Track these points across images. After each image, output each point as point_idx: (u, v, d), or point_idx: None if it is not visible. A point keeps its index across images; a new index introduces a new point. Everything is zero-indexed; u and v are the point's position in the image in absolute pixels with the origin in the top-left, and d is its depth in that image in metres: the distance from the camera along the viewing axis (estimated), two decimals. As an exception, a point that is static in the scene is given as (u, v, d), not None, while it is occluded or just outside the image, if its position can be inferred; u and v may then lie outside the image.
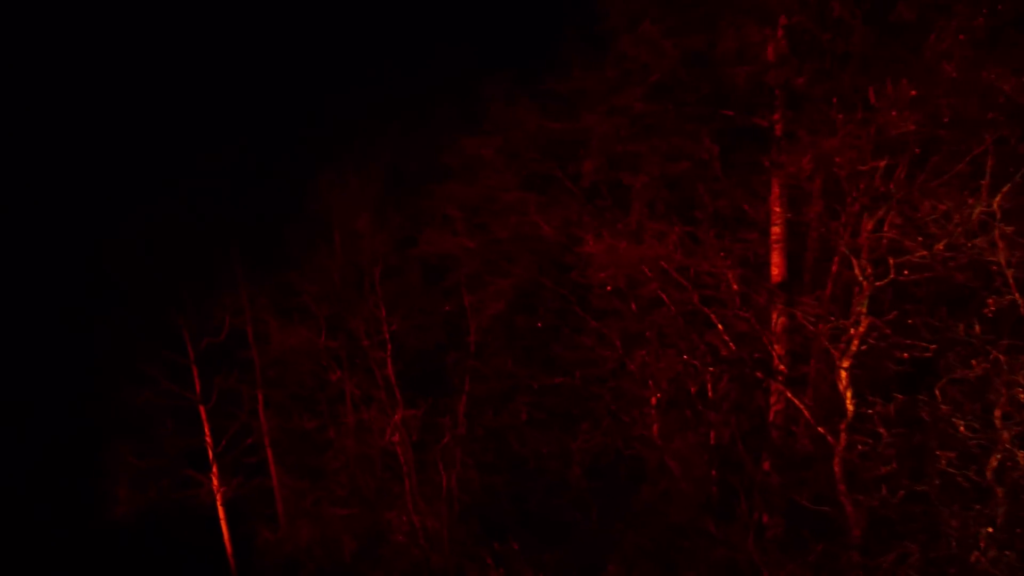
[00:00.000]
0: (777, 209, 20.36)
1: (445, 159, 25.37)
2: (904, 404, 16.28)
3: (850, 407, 18.48)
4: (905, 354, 15.63)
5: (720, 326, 19.79)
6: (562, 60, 22.91)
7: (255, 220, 29.59)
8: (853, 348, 17.78)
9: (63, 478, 31.71)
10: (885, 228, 17.00)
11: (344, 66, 30.47)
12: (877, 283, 16.98)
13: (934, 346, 15.32)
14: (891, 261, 16.43)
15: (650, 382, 22.26)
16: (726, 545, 20.40)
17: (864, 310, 17.27)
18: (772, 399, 21.39)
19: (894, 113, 14.88)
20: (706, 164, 18.75)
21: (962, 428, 15.38)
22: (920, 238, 15.09)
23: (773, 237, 20.53)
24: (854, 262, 17.04)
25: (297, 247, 29.19)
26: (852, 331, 16.78)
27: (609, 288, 20.43)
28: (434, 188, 26.07)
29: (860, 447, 16.07)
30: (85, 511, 30.44)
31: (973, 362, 14.30)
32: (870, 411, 15.92)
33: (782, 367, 20.20)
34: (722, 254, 18.71)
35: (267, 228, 29.50)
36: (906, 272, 16.27)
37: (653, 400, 23.31)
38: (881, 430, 15.54)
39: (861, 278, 17.09)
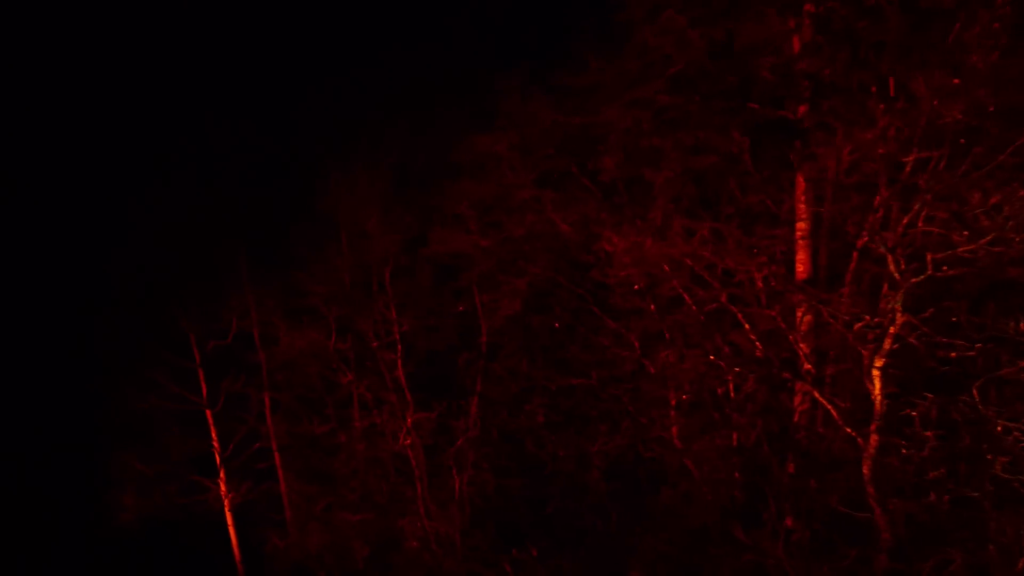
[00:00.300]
0: (803, 205, 19.81)
1: (457, 156, 24.79)
2: (944, 405, 15.75)
3: (880, 408, 18.00)
4: (953, 353, 15.01)
5: (747, 325, 19.17)
6: (576, 54, 22.36)
7: (261, 220, 28.98)
8: (886, 346, 17.27)
9: (68, 486, 31.09)
10: (920, 223, 16.45)
11: (351, 62, 29.93)
12: (913, 279, 16.43)
13: (979, 344, 14.70)
14: (928, 256, 15.85)
15: (671, 383, 21.64)
16: (754, 551, 19.84)
17: (899, 307, 16.71)
18: (797, 399, 20.82)
19: (936, 102, 14.27)
20: (735, 158, 18.12)
21: (999, 429, 14.87)
22: (966, 232, 14.48)
23: (798, 233, 19.96)
24: (888, 258, 16.46)
25: (305, 247, 28.55)
26: (892, 329, 16.13)
27: (637, 287, 19.79)
28: (445, 186, 25.51)
29: (904, 451, 15.44)
30: (91, 519, 29.83)
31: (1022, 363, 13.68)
32: (913, 412, 15.27)
33: (809, 367, 19.62)
34: (755, 250, 18.08)
35: (274, 228, 28.88)
36: (945, 268, 15.67)
37: (673, 401, 22.77)
38: (928, 433, 14.93)
39: (896, 274, 16.52)
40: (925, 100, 14.35)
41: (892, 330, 16.68)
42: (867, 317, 16.73)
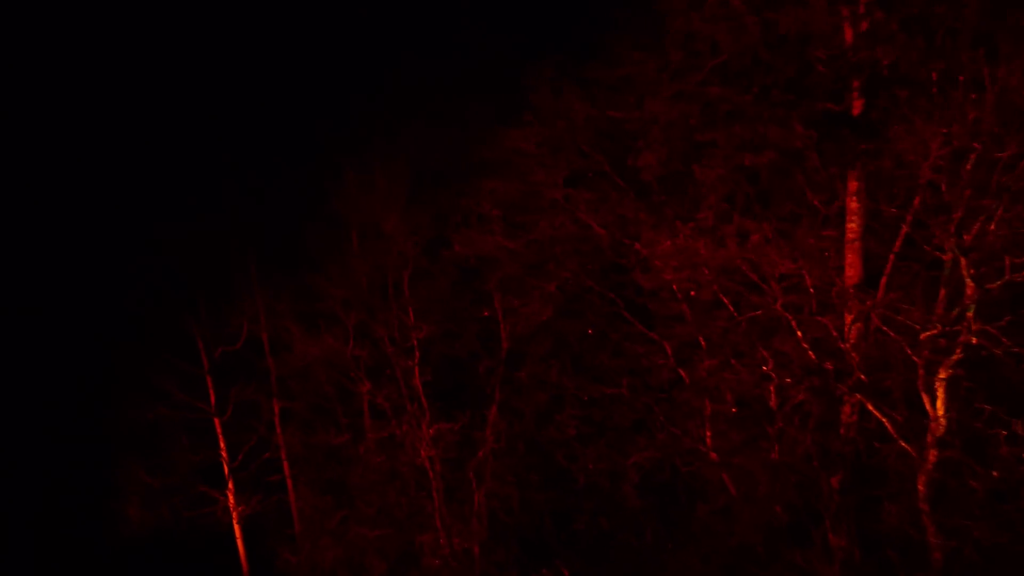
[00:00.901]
0: (855, 204, 18.65)
1: (482, 153, 23.59)
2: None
3: (943, 421, 16.91)
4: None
5: (799, 333, 17.96)
6: (609, 45, 21.22)
7: (273, 221, 27.84)
8: (955, 357, 16.15)
9: (72, 497, 29.93)
10: (993, 225, 15.33)
11: (366, 54, 28.81)
12: (988, 285, 15.31)
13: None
14: (1008, 260, 14.71)
15: (713, 393, 20.45)
16: (805, 572, 18.70)
17: (971, 315, 15.58)
18: (846, 410, 19.65)
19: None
20: (797, 154, 16.88)
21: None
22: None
23: (849, 234, 18.80)
24: (962, 261, 15.32)
25: (319, 249, 27.44)
26: (964, 338, 14.97)
27: (692, 293, 18.60)
28: (469, 185, 24.31)
29: (995, 474, 14.26)
30: (95, 531, 28.68)
31: None
32: (1003, 432, 14.09)
33: (862, 376, 18.44)
34: (826, 254, 16.91)
35: (286, 229, 27.74)
36: (1025, 274, 14.54)
37: (708, 411, 21.62)
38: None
39: (968, 279, 15.38)
40: (1016, 91, 13.16)
41: (963, 339, 15.55)
42: (939, 326, 15.55)
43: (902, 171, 15.55)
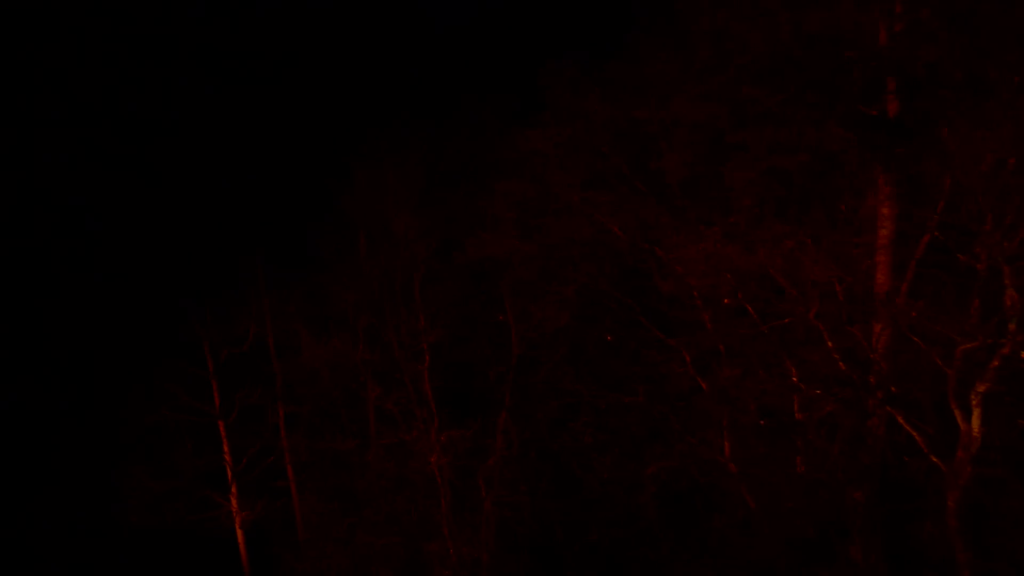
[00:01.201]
0: (886, 209, 18.07)
1: (497, 153, 23.02)
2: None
3: (978, 437, 16.36)
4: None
5: (830, 343, 17.37)
6: (630, 44, 20.68)
7: (281, 221, 27.34)
8: (994, 371, 15.58)
9: (73, 501, 29.38)
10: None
11: (376, 51, 28.33)
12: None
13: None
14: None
15: (738, 404, 19.86)
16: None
17: (1014, 326, 15.00)
18: (873, 421, 19.07)
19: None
20: (834, 157, 16.29)
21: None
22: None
23: (881, 241, 18.21)
24: (1005, 270, 14.75)
25: (327, 251, 26.97)
26: (1011, 350, 14.41)
27: (726, 301, 18.03)
28: (482, 186, 23.78)
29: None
30: (96, 536, 28.26)
31: None
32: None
33: (893, 388, 17.87)
34: (867, 261, 16.32)
35: (294, 230, 27.24)
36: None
37: (725, 421, 21.05)
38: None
39: (1012, 288, 14.81)
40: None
41: (1006, 351, 14.99)
42: (979, 338, 14.97)
43: (944, 176, 14.91)
